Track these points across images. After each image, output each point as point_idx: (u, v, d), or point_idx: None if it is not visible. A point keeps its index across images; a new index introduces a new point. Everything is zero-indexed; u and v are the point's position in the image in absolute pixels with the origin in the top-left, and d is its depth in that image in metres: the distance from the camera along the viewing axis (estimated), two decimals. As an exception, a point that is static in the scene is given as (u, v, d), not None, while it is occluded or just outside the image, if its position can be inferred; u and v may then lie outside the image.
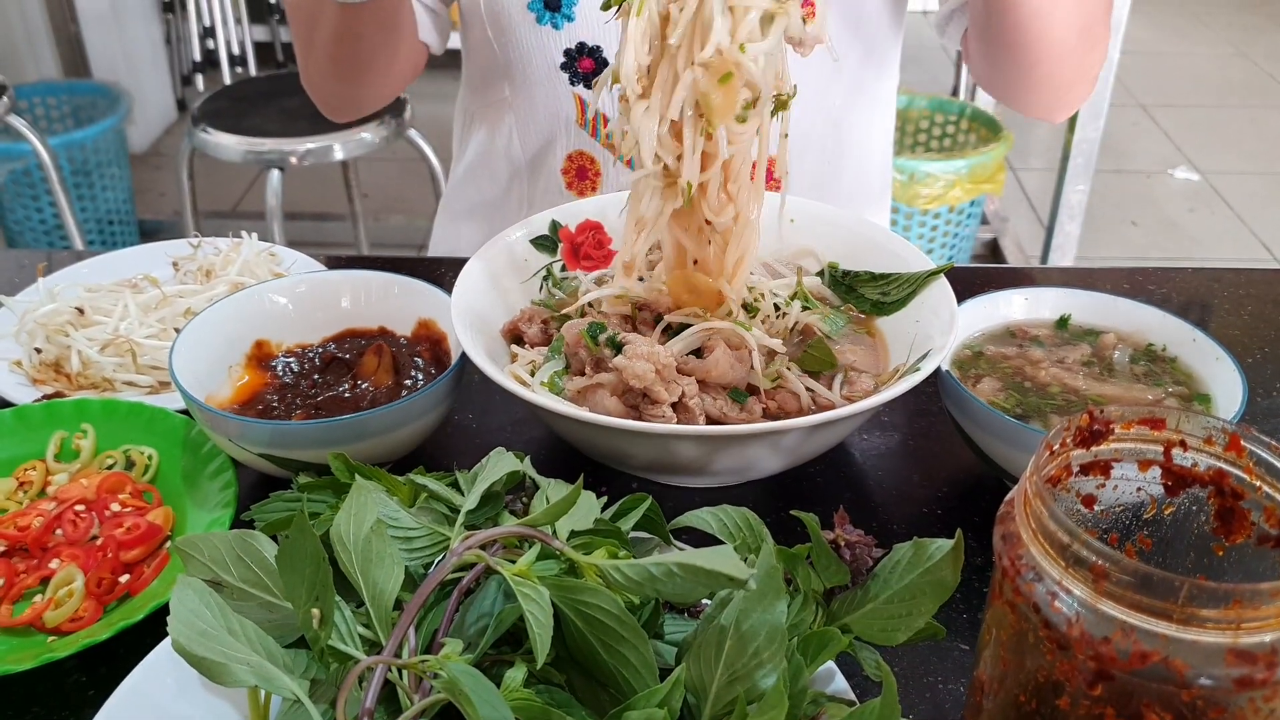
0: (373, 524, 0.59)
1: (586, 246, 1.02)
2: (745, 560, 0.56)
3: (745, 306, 0.89)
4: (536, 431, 0.95)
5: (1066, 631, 0.48)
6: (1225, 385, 0.85)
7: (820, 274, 0.99)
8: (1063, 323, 0.94)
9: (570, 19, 1.11)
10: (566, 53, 1.14)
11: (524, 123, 1.22)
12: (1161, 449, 0.56)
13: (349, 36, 1.10)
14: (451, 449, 0.93)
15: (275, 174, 2.59)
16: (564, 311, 0.92)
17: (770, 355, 0.86)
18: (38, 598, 0.76)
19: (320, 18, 1.09)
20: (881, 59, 1.22)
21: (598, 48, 1.12)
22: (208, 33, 3.95)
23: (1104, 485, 0.57)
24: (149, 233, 3.48)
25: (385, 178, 3.88)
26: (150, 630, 0.71)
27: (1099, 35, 1.10)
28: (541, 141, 1.22)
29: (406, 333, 0.97)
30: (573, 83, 1.16)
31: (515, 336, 0.93)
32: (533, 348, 0.91)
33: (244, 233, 1.17)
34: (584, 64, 1.14)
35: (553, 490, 0.68)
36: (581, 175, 1.21)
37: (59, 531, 0.80)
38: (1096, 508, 0.58)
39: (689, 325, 0.86)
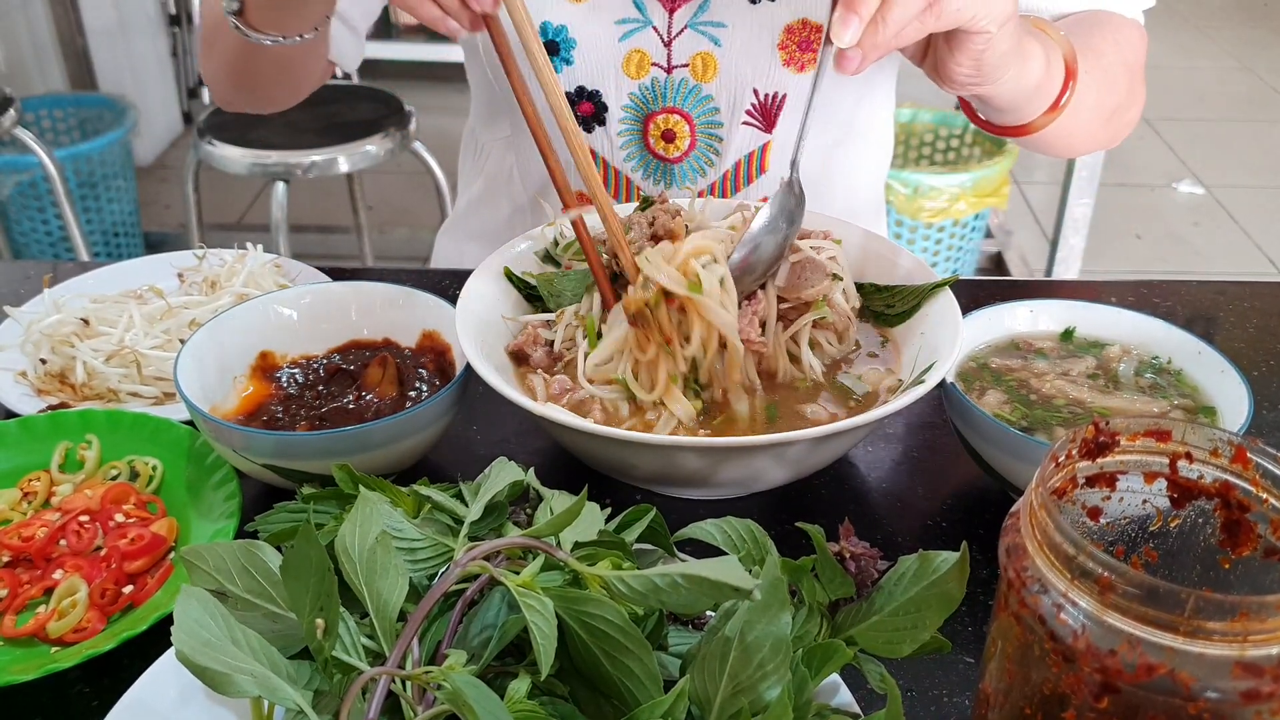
0: (377, 535, 0.59)
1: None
2: (750, 572, 0.55)
3: None
4: (540, 442, 0.95)
5: (1072, 644, 0.48)
6: (1231, 398, 0.85)
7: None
8: (1068, 335, 0.94)
9: (569, 63, 1.10)
10: (566, 96, 1.13)
11: (525, 163, 1.22)
12: (1167, 461, 0.56)
13: (247, 61, 1.10)
14: (455, 460, 0.93)
15: (280, 186, 2.60)
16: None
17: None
18: (41, 608, 0.76)
19: (222, 31, 1.07)
20: (875, 96, 1.22)
21: (597, 91, 1.12)
22: (214, 46, 3.97)
23: (1109, 497, 0.57)
24: (154, 245, 3.49)
25: (390, 190, 3.89)
26: (154, 641, 0.71)
27: (1128, 104, 1.12)
28: (542, 181, 1.22)
29: (411, 344, 0.97)
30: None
31: (519, 358, 0.93)
32: (537, 370, 0.91)
33: (249, 244, 1.17)
34: (583, 108, 1.13)
35: (557, 501, 0.68)
36: None
37: (63, 542, 0.80)
38: (1102, 520, 0.58)
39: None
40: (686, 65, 1.10)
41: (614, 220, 0.89)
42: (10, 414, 0.96)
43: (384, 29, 4.46)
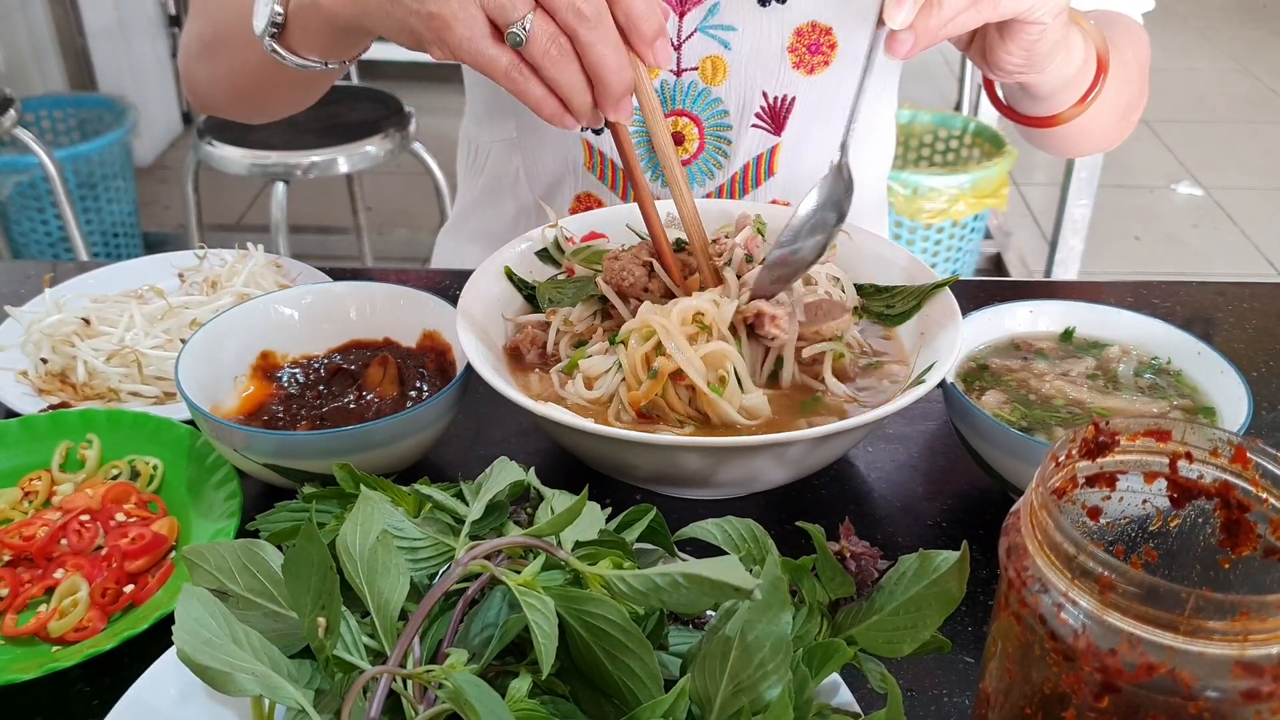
0: (378, 534, 0.59)
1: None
2: (750, 571, 0.55)
3: None
4: (541, 442, 0.95)
5: (1073, 643, 0.48)
6: (1230, 398, 0.85)
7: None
8: (1067, 335, 0.94)
9: None
10: None
11: (531, 164, 1.22)
12: (1167, 461, 0.56)
13: (264, 79, 1.04)
14: (456, 460, 0.93)
15: (280, 187, 2.60)
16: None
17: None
18: (42, 607, 0.76)
19: (237, 42, 1.00)
20: (880, 95, 1.23)
21: None
22: (213, 46, 3.97)
23: (1109, 497, 0.57)
24: (154, 245, 3.49)
25: (389, 191, 3.89)
26: (154, 640, 0.71)
27: (1137, 102, 1.14)
28: (549, 182, 1.22)
29: (411, 344, 0.97)
30: (581, 128, 1.15)
31: (517, 356, 0.93)
32: (536, 370, 0.91)
33: (249, 244, 1.17)
34: None
35: (557, 501, 0.68)
36: None
37: (64, 541, 0.80)
38: (1102, 520, 0.58)
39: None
40: (696, 68, 1.10)
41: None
42: (11, 413, 0.96)
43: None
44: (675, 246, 0.94)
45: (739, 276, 0.91)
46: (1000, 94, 1.07)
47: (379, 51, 4.52)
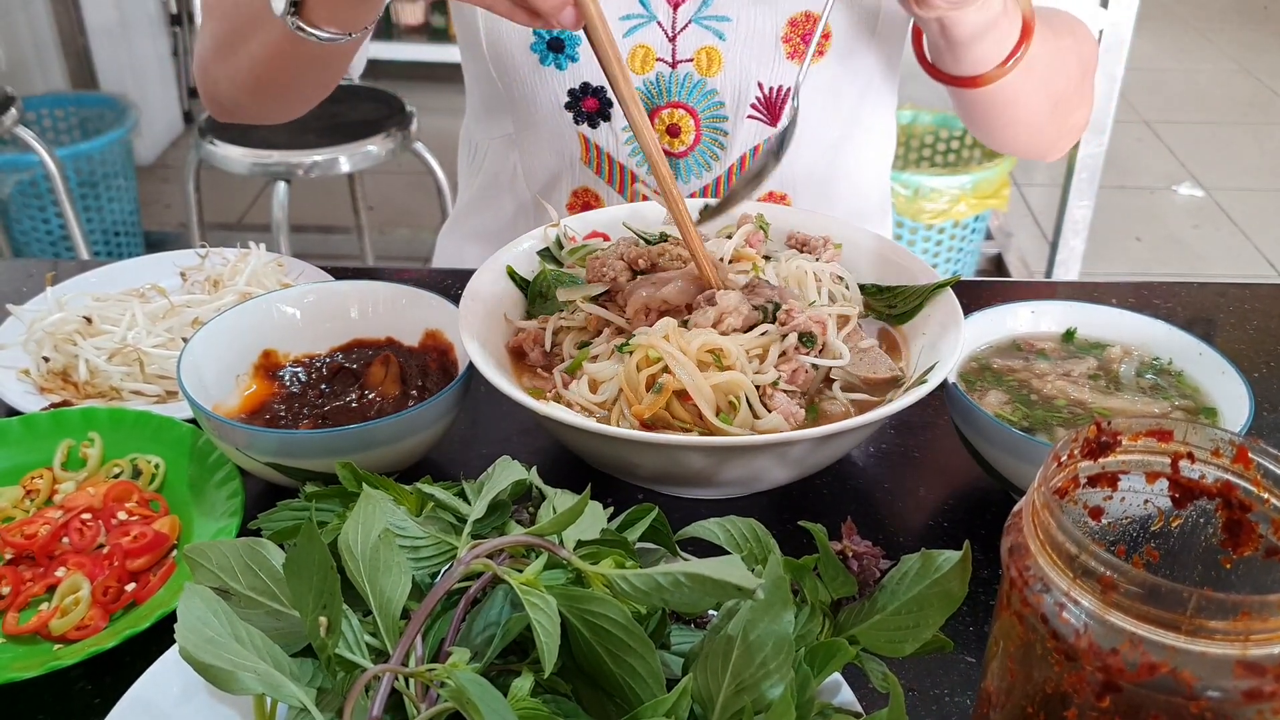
0: (380, 533, 0.59)
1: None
2: (752, 571, 0.55)
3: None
4: (543, 441, 0.95)
5: (1074, 642, 0.48)
6: (1232, 399, 0.85)
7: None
8: (1069, 336, 0.94)
9: (574, 59, 1.10)
10: (571, 93, 1.13)
11: (529, 159, 1.22)
12: (1169, 461, 0.56)
13: (286, 62, 1.04)
14: (458, 458, 0.93)
15: (281, 186, 2.60)
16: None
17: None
18: (44, 606, 0.76)
19: (256, 30, 1.01)
20: (879, 91, 1.23)
21: (601, 88, 1.12)
22: (215, 46, 3.97)
23: (1111, 497, 0.57)
24: (155, 244, 3.49)
25: (391, 190, 3.89)
26: (156, 639, 0.71)
27: (1075, 103, 1.14)
28: (546, 178, 1.22)
29: (414, 343, 0.97)
30: (577, 122, 1.15)
31: (519, 355, 0.93)
32: (536, 371, 0.91)
33: (251, 243, 1.17)
34: (588, 103, 1.13)
35: (559, 500, 0.68)
36: (587, 210, 1.21)
37: (65, 540, 0.80)
38: (1104, 520, 0.58)
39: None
40: (691, 60, 1.11)
41: (691, 232, 0.89)
42: (13, 412, 0.96)
43: (384, 29, 4.46)
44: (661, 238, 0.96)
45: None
46: (927, 52, 1.07)
47: (380, 51, 4.49)
